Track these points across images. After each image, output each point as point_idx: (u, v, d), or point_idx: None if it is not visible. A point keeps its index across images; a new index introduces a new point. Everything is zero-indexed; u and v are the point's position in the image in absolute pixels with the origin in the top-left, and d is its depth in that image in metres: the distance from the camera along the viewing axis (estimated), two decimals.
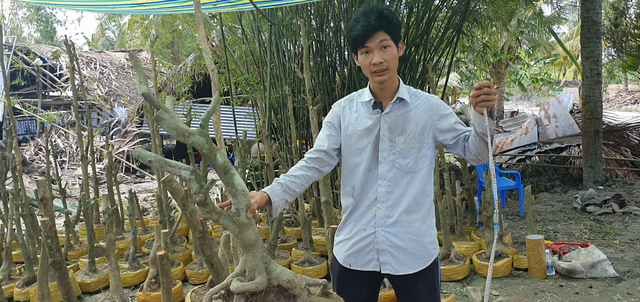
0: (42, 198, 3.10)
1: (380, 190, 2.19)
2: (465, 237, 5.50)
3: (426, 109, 2.19)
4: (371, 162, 2.21)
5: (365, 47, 2.10)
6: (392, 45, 2.11)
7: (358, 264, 2.26)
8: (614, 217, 6.64)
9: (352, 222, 2.29)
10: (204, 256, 3.10)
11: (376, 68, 2.11)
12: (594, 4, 8.25)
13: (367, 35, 2.07)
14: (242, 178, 5.37)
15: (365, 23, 2.07)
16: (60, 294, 3.43)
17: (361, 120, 2.24)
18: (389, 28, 2.08)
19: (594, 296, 4.29)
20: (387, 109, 2.19)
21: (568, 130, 10.65)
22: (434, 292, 2.30)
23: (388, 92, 2.20)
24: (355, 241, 2.26)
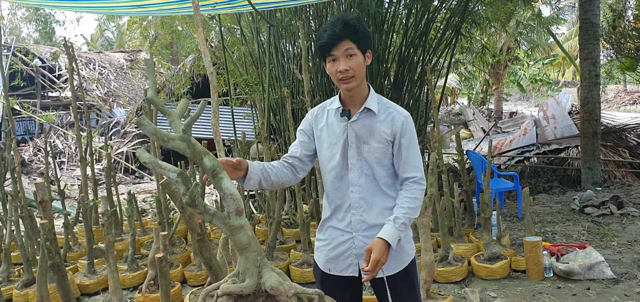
0: (41, 200, 3.11)
1: (353, 196, 2.26)
2: (464, 239, 5.52)
3: (391, 124, 2.23)
4: (342, 169, 2.27)
5: (332, 55, 2.16)
6: (358, 53, 2.16)
7: (337, 269, 2.32)
8: (612, 219, 6.65)
9: (330, 228, 2.35)
10: (202, 258, 3.11)
11: (342, 75, 2.16)
12: (592, 6, 8.26)
13: (332, 44, 2.14)
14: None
15: (331, 32, 2.13)
16: (59, 296, 3.44)
17: (331, 127, 2.30)
18: (354, 37, 2.14)
19: (591, 297, 4.30)
20: (354, 118, 2.25)
21: (567, 132, 10.66)
22: (414, 291, 2.36)
23: (357, 100, 2.26)
24: (333, 246, 2.32)
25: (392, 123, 2.23)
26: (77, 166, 13.68)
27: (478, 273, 4.85)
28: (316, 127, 2.35)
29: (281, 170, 2.31)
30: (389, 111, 2.26)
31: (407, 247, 2.32)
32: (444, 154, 11.48)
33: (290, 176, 2.34)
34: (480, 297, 4.36)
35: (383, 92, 7.78)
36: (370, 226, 2.25)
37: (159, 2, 6.16)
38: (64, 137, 15.11)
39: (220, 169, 1.88)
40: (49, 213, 3.20)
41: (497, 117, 22.40)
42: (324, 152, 2.32)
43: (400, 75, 8.08)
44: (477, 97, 26.31)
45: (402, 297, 2.32)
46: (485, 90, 25.55)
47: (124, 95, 16.31)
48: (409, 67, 7.98)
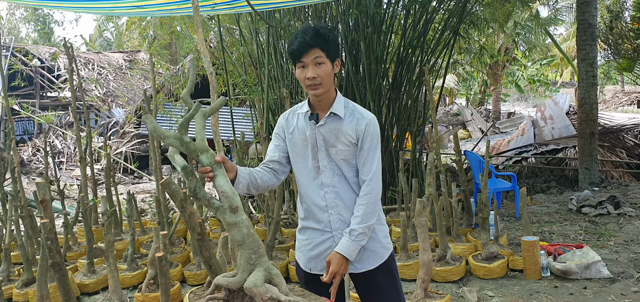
0: (42, 200, 3.13)
1: (328, 197, 2.33)
2: (461, 239, 5.55)
3: (356, 127, 2.30)
4: (314, 171, 2.35)
5: (301, 62, 2.23)
6: (326, 62, 2.23)
7: (318, 268, 2.39)
8: (609, 219, 6.69)
9: (308, 229, 2.42)
10: (202, 258, 3.13)
11: (310, 82, 2.23)
12: (589, 7, 8.30)
13: (302, 51, 2.20)
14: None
15: (302, 40, 2.20)
16: (60, 295, 3.46)
17: (301, 131, 2.37)
18: (324, 45, 2.21)
19: (588, 296, 4.33)
20: (321, 122, 2.32)
21: (564, 132, 10.71)
22: (395, 284, 2.43)
23: (324, 104, 2.32)
24: (313, 246, 2.39)
25: (356, 126, 2.30)
26: (76, 166, 13.69)
27: (476, 272, 4.88)
28: (288, 131, 2.42)
29: (265, 174, 2.38)
30: (355, 115, 2.33)
31: (385, 242, 2.40)
32: (442, 154, 11.51)
33: (273, 179, 2.42)
34: (478, 296, 4.38)
35: (381, 92, 7.82)
36: (347, 223, 2.32)
37: (158, 3, 6.18)
38: (63, 137, 15.12)
39: (217, 167, 1.93)
40: (50, 212, 3.22)
41: (495, 118, 22.43)
42: (295, 155, 2.39)
43: (399, 76, 8.11)
44: (476, 98, 26.34)
45: (384, 290, 2.40)
46: (483, 90, 25.58)
47: (122, 96, 16.32)
48: (407, 67, 8.01)
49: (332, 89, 2.33)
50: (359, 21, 7.36)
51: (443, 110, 25.91)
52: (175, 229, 5.81)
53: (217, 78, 9.32)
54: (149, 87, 14.57)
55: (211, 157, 1.94)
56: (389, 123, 8.06)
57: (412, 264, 4.82)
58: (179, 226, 6.24)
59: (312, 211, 2.37)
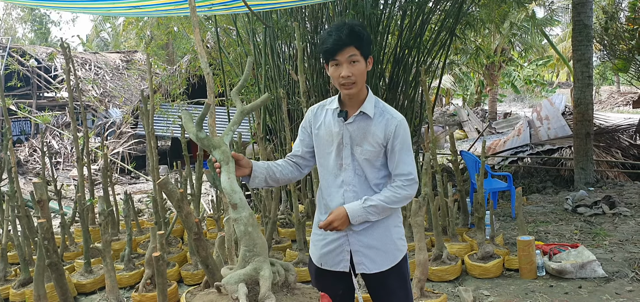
0: (39, 200, 3.14)
1: (347, 195, 2.32)
2: (457, 238, 5.57)
3: (385, 128, 2.29)
4: (336, 168, 2.35)
5: (335, 60, 2.21)
6: (361, 60, 2.22)
7: (329, 264, 2.40)
8: (604, 219, 6.73)
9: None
10: (199, 257, 3.14)
11: (344, 81, 2.22)
12: (585, 8, 8.35)
13: (337, 49, 2.19)
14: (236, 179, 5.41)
15: (336, 37, 2.18)
16: (57, 295, 3.47)
17: (328, 126, 2.37)
18: (358, 44, 2.19)
19: (583, 296, 4.36)
20: (350, 120, 2.31)
21: (560, 132, 10.75)
22: (405, 285, 2.45)
23: (355, 102, 2.32)
24: (327, 242, 2.39)
25: (385, 127, 2.28)
26: (73, 166, 13.69)
27: (471, 272, 4.91)
28: (314, 125, 2.41)
29: (286, 167, 2.41)
30: (384, 115, 2.31)
31: (399, 244, 2.40)
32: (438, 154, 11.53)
33: (296, 172, 2.45)
34: (474, 295, 4.41)
35: (378, 93, 7.83)
36: (363, 223, 2.31)
37: (155, 3, 6.19)
38: (60, 138, 15.10)
39: (224, 164, 2.01)
40: (47, 212, 3.23)
41: (492, 118, 22.50)
42: (320, 150, 2.39)
43: (395, 77, 8.13)
44: (472, 98, 26.41)
45: (393, 292, 2.40)
46: (479, 91, 25.65)
47: (119, 96, 16.31)
48: (403, 68, 8.03)
49: (364, 88, 2.32)
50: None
51: (439, 110, 25.97)
52: (172, 229, 5.82)
53: (214, 78, 9.35)
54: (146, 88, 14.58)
55: (222, 153, 2.01)
56: None
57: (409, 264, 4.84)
58: (176, 225, 6.25)
59: (330, 208, 2.36)
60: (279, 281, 1.99)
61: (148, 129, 5.91)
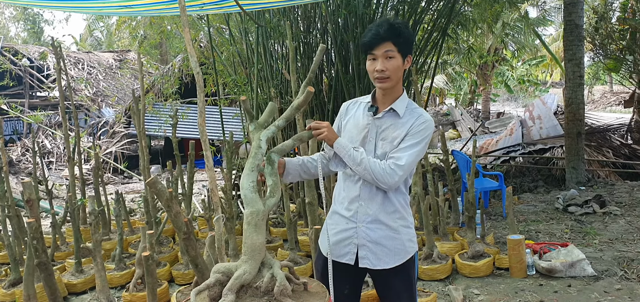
0: (28, 199, 3.13)
1: (363, 188, 2.34)
2: (448, 237, 5.59)
3: (409, 126, 2.30)
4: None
5: (372, 54, 2.26)
6: (397, 56, 2.25)
7: (335, 254, 2.40)
8: (595, 218, 6.77)
9: (336, 214, 2.45)
10: (188, 257, 3.15)
11: (378, 75, 2.26)
12: (576, 8, 8.39)
13: (374, 44, 2.24)
14: (228, 179, 5.40)
15: (375, 32, 2.23)
16: (46, 295, 3.46)
17: (356, 119, 2.42)
18: (396, 40, 2.23)
19: (572, 294, 4.39)
20: (379, 115, 2.35)
21: (552, 132, 10.81)
22: (411, 288, 2.43)
23: (388, 99, 2.35)
24: (337, 231, 2.41)
25: (410, 124, 2.30)
26: (65, 166, 13.63)
27: (462, 271, 4.93)
28: (344, 118, 2.48)
29: (321, 161, 2.46)
30: (413, 114, 2.34)
31: (407, 245, 2.39)
32: (430, 153, 11.56)
33: (327, 168, 2.50)
34: (464, 294, 4.43)
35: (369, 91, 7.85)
36: (373, 219, 2.33)
37: (147, 3, 6.17)
38: (53, 137, 15.04)
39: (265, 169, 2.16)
40: (36, 212, 3.22)
41: (485, 118, 22.58)
42: (347, 139, 2.40)
43: None
44: (466, 98, 26.49)
45: (398, 291, 2.41)
46: (473, 91, 25.74)
47: (112, 96, 16.26)
48: None
49: (400, 86, 2.35)
50: (348, 21, 7.38)
51: (433, 110, 26.03)
52: (164, 228, 5.81)
53: (207, 78, 9.34)
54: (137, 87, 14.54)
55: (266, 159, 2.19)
56: None
57: None
58: (167, 225, 6.24)
59: (345, 198, 2.39)
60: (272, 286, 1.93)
61: (139, 128, 5.90)
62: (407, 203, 2.42)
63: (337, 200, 2.46)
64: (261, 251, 1.96)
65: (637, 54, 10.32)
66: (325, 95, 7.59)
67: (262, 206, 1.99)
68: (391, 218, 2.34)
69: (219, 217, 3.65)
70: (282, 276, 1.90)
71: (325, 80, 8.02)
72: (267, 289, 1.89)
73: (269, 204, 2.02)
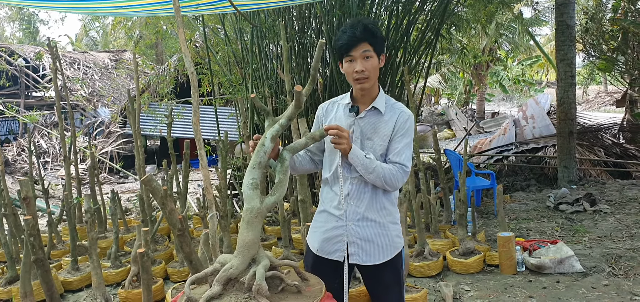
0: (25, 197, 3.19)
1: (352, 187, 2.40)
2: (440, 235, 5.67)
3: (394, 123, 2.39)
4: (344, 161, 2.41)
5: (350, 55, 2.32)
6: (374, 56, 2.33)
7: (325, 252, 2.48)
8: (585, 216, 6.86)
9: (325, 212, 2.51)
10: (183, 253, 3.21)
11: (358, 75, 2.32)
12: (567, 9, 8.48)
13: (351, 45, 2.30)
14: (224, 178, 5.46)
15: (351, 34, 2.29)
16: (43, 291, 3.52)
17: (339, 120, 2.47)
18: (372, 40, 2.30)
19: (560, 290, 4.47)
20: (362, 114, 2.41)
21: (545, 131, 10.90)
22: (399, 281, 2.53)
23: (367, 98, 2.42)
24: (326, 229, 2.48)
25: (396, 120, 2.39)
26: (61, 166, 13.65)
27: (453, 268, 5.01)
28: (325, 120, 2.52)
29: (304, 158, 2.54)
30: (395, 109, 2.42)
31: (396, 241, 2.48)
32: (423, 152, 11.64)
33: (311, 164, 2.59)
34: (454, 290, 4.50)
35: None
36: (362, 217, 2.41)
37: (143, 3, 6.22)
38: (48, 137, 15.06)
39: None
40: (33, 209, 3.28)
41: (479, 117, 22.68)
42: (329, 143, 2.46)
43: (382, 76, 8.22)
44: (461, 98, 26.59)
45: (387, 285, 2.49)
46: (468, 90, 25.84)
47: (108, 95, 16.28)
48: (390, 68, 8.12)
49: (376, 85, 2.42)
50: (342, 22, 7.45)
51: (428, 110, 26.12)
52: (159, 226, 5.87)
53: (202, 77, 9.39)
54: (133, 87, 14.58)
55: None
56: None
57: None
58: (163, 224, 6.29)
59: (334, 198, 2.45)
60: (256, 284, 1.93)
61: (135, 128, 5.95)
62: (395, 200, 2.50)
63: (325, 199, 2.51)
64: (251, 248, 2.01)
65: (628, 55, 10.42)
66: (320, 95, 7.66)
67: (259, 203, 2.04)
68: (380, 215, 2.42)
69: (213, 215, 3.72)
70: (261, 275, 1.91)
71: (320, 80, 8.09)
72: (250, 285, 1.92)
73: (267, 202, 2.06)
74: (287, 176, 2.17)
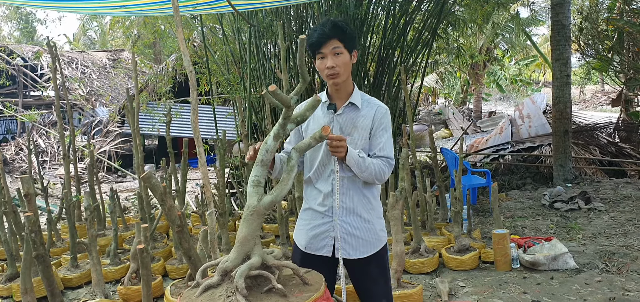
0: (25, 194, 3.24)
1: (335, 183, 2.47)
2: (436, 232, 5.74)
3: (372, 116, 2.47)
4: (326, 158, 2.48)
5: (321, 52, 2.39)
6: (344, 52, 2.39)
7: (313, 248, 2.53)
8: (580, 213, 6.93)
9: (311, 210, 2.56)
10: (182, 249, 3.26)
11: (329, 72, 2.39)
12: (563, 9, 8.55)
13: (322, 42, 2.36)
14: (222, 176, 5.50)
15: (321, 32, 2.36)
16: (44, 287, 3.57)
17: (317, 120, 2.53)
18: (342, 37, 2.36)
19: (554, 286, 4.53)
20: (340, 111, 2.48)
21: (540, 130, 10.97)
22: (385, 273, 2.60)
23: (342, 95, 2.49)
24: (313, 226, 2.54)
25: (374, 114, 2.46)
26: (59, 165, 13.69)
27: (448, 264, 5.07)
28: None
29: (284, 159, 2.55)
30: (371, 104, 2.50)
31: (381, 234, 2.56)
32: (420, 151, 11.71)
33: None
34: (450, 286, 4.56)
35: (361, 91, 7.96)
36: (349, 211, 2.47)
37: (141, 3, 6.27)
38: (46, 136, 15.09)
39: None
40: (34, 206, 3.33)
41: (477, 117, 22.76)
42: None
43: (379, 76, 8.28)
44: (458, 97, 26.67)
45: (374, 278, 2.55)
46: (465, 90, 25.92)
47: (106, 95, 16.32)
48: (387, 67, 8.18)
49: (350, 81, 2.49)
50: None
51: (425, 109, 26.20)
52: (157, 224, 5.92)
53: (200, 77, 9.44)
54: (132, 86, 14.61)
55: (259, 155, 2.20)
56: None
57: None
58: (161, 221, 6.34)
59: (318, 195, 2.50)
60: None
61: (133, 127, 6.00)
62: (378, 194, 2.58)
63: (310, 197, 2.57)
64: (245, 244, 2.06)
65: (623, 55, 10.50)
66: (316, 93, 7.70)
67: (255, 201, 2.10)
68: (365, 210, 2.49)
69: (212, 212, 3.77)
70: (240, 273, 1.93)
71: (318, 80, 8.14)
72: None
73: (264, 201, 2.10)
74: (291, 175, 2.19)
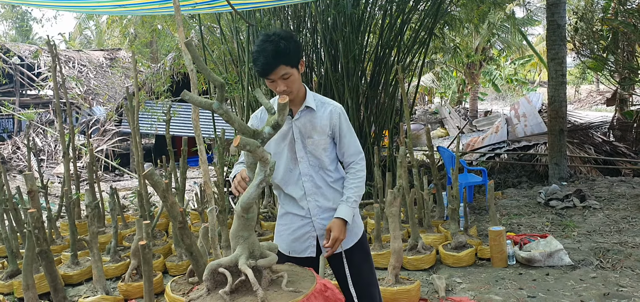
0: (29, 191, 3.28)
1: (306, 185, 2.53)
2: (433, 229, 5.80)
3: (330, 118, 2.52)
4: (290, 163, 2.54)
5: (269, 78, 2.37)
6: (292, 72, 2.37)
7: (296, 251, 2.59)
8: (575, 211, 7.00)
9: (289, 214, 2.60)
10: (183, 245, 3.30)
11: (282, 93, 2.36)
12: (558, 8, 8.62)
13: (268, 72, 2.34)
14: (220, 175, 5.55)
15: (264, 61, 2.31)
16: (47, 282, 3.60)
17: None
18: (286, 60, 2.32)
19: (550, 282, 4.60)
20: (296, 116, 2.51)
21: (536, 129, 11.05)
22: (368, 258, 2.68)
23: (297, 100, 2.50)
24: (293, 230, 2.59)
25: (330, 117, 2.51)
26: (56, 164, 13.70)
27: (445, 261, 5.13)
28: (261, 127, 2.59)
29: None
30: (325, 106, 2.54)
31: (359, 222, 2.65)
32: (417, 150, 11.77)
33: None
34: (447, 283, 4.62)
35: (359, 91, 8.04)
36: (325, 209, 2.54)
37: (139, 2, 6.31)
38: (44, 135, 15.09)
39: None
40: (37, 202, 3.37)
41: (472, 116, 22.85)
42: (271, 150, 2.54)
43: (376, 75, 8.34)
44: (454, 97, 26.77)
45: (358, 265, 2.62)
46: (461, 89, 26.02)
47: (103, 94, 16.32)
48: (384, 66, 8.24)
49: (302, 85, 2.50)
50: (337, 21, 7.56)
51: (422, 108, 26.28)
52: (157, 222, 5.96)
53: (198, 76, 9.47)
54: (130, 85, 14.64)
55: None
56: (367, 121, 8.28)
57: (385, 253, 5.04)
58: (160, 219, 6.39)
59: (292, 200, 2.55)
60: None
61: (133, 125, 6.04)
62: None
63: (284, 202, 2.61)
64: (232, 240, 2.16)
65: (618, 54, 10.59)
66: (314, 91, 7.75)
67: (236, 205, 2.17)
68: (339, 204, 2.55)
69: (212, 209, 3.82)
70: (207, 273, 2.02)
71: (315, 79, 8.21)
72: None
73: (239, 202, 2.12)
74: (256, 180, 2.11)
